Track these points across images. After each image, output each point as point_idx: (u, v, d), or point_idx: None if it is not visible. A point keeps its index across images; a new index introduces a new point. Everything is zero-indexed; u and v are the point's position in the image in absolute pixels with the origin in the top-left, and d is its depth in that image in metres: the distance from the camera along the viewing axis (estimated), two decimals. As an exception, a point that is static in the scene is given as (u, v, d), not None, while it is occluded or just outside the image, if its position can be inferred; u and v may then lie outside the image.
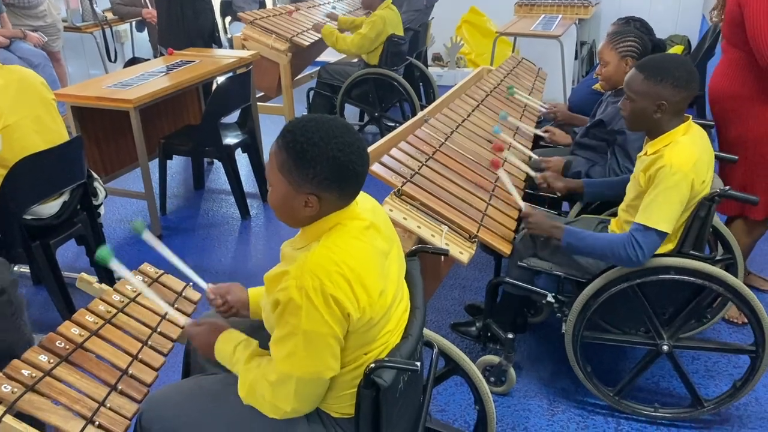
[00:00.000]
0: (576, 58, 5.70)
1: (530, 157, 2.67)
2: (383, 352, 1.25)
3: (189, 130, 3.79)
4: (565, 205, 2.76)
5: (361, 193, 1.31)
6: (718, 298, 2.21)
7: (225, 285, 1.57)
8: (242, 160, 4.00)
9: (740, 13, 2.25)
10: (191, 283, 1.73)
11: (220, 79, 3.81)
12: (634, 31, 2.56)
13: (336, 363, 1.21)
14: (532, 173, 2.45)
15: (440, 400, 2.23)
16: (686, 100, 1.83)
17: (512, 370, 2.22)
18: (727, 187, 1.87)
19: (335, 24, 4.78)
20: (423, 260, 2.13)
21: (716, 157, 2.22)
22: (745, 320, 1.96)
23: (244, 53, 4.05)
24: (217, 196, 4.03)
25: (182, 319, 1.58)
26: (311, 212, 1.21)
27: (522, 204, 2.17)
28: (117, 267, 1.49)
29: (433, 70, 6.43)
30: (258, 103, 4.47)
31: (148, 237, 1.55)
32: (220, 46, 4.49)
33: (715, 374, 2.33)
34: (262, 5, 6.57)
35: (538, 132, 2.96)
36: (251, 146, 3.81)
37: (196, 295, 1.77)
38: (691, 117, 1.90)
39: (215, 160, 4.41)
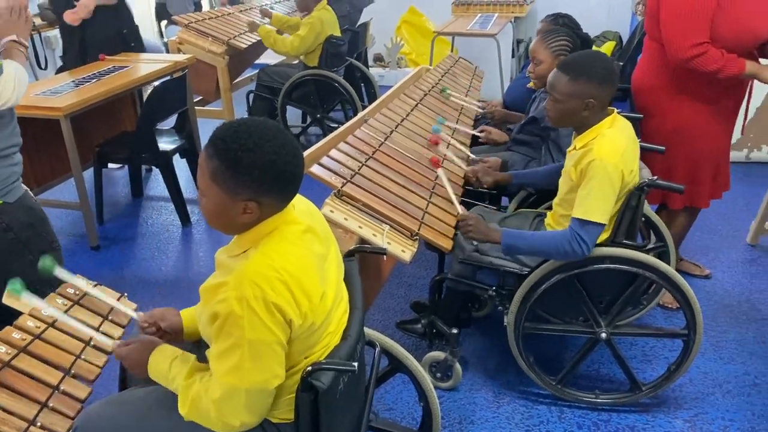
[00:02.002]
0: (513, 56, 5.81)
1: (469, 156, 2.70)
2: (324, 355, 1.24)
3: (124, 137, 3.69)
4: (504, 200, 2.81)
5: (298, 196, 1.30)
6: (653, 285, 2.29)
7: (158, 311, 1.49)
8: (181, 165, 3.92)
9: (658, 7, 2.34)
10: (125, 294, 1.68)
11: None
12: (565, 29, 2.62)
13: (282, 370, 1.19)
14: (464, 167, 2.49)
15: (388, 399, 2.23)
16: (611, 94, 1.89)
17: (458, 365, 2.24)
18: (655, 177, 1.93)
19: (269, 21, 4.73)
20: (365, 260, 2.14)
21: (643, 148, 2.30)
22: (679, 305, 2.04)
23: (180, 57, 3.96)
24: (156, 204, 3.94)
25: (110, 342, 1.50)
26: (250, 218, 1.19)
27: (459, 208, 2.19)
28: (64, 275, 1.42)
29: (375, 71, 6.45)
30: (196, 108, 4.38)
31: (62, 274, 1.42)
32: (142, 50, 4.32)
33: (652, 358, 2.41)
34: (198, 8, 6.46)
35: (474, 132, 2.99)
36: (190, 151, 3.74)
37: (131, 305, 1.73)
38: (615, 110, 1.96)
39: (154, 167, 4.31)
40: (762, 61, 2.35)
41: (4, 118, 1.83)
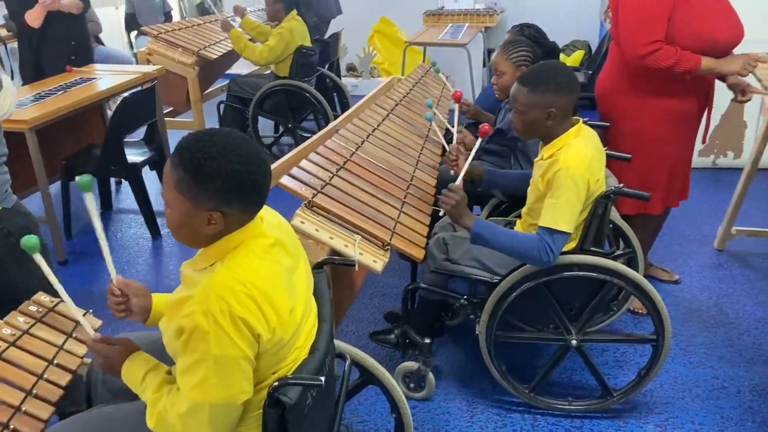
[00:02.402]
0: (484, 65, 5.86)
1: (440, 166, 2.71)
2: (292, 369, 1.22)
3: (92, 150, 3.64)
4: (476, 209, 2.82)
5: (266, 208, 1.29)
6: (622, 291, 2.31)
7: (136, 285, 1.45)
8: (151, 177, 3.88)
9: (617, 6, 2.38)
10: (91, 310, 1.65)
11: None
12: (525, 39, 2.65)
13: (249, 385, 1.17)
14: (454, 130, 2.49)
15: (361, 411, 2.22)
16: (572, 102, 1.92)
17: (431, 375, 2.24)
18: (621, 185, 1.96)
19: (240, 22, 4.69)
20: (337, 271, 2.13)
21: (609, 156, 2.33)
22: (647, 311, 2.07)
23: (149, 68, 3.93)
24: (125, 217, 3.88)
25: (82, 320, 1.44)
26: (215, 229, 1.17)
27: (460, 177, 2.09)
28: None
29: (348, 80, 6.46)
30: (166, 119, 4.35)
31: (41, 262, 1.38)
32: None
33: (623, 364, 2.43)
34: (168, 18, 6.41)
35: (453, 127, 2.98)
36: (159, 163, 3.70)
37: (97, 322, 1.69)
38: (581, 119, 1.99)
39: (123, 180, 4.25)
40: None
41: None
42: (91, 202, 1.36)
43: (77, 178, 1.34)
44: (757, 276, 3.01)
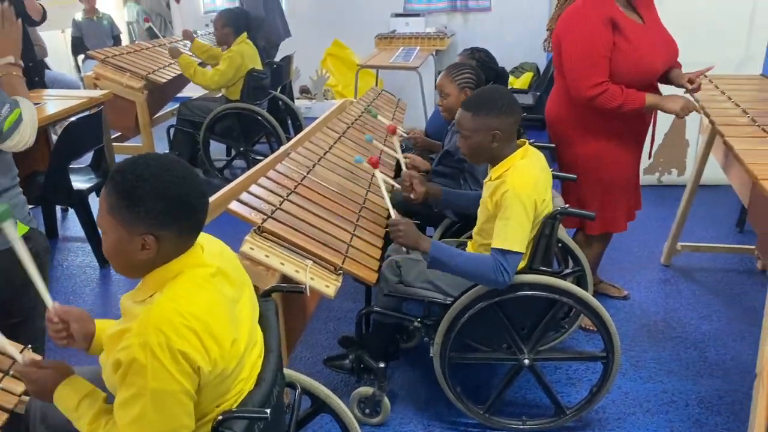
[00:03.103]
0: (436, 88, 5.93)
1: (393, 185, 2.71)
2: (237, 402, 1.19)
3: (36, 177, 3.52)
4: (429, 230, 2.83)
5: (207, 236, 1.27)
6: (573, 309, 2.34)
7: (77, 312, 1.39)
8: (98, 204, 3.77)
9: (560, 45, 2.46)
10: (29, 346, 1.58)
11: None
12: (470, 63, 2.70)
13: (190, 420, 1.14)
14: (402, 160, 2.52)
15: (316, 439, 2.18)
16: (515, 124, 1.97)
17: (386, 399, 2.22)
18: (567, 205, 2.00)
19: (190, 46, 4.65)
20: (289, 297, 2.11)
21: (556, 177, 2.38)
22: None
23: (95, 93, 3.85)
24: (72, 245, 3.77)
25: (18, 357, 1.39)
26: (149, 255, 1.14)
27: (392, 211, 2.17)
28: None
29: (302, 103, 6.46)
30: (115, 144, 4.27)
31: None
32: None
33: (576, 381, 2.46)
34: (117, 42, 6.32)
35: (398, 156, 3.01)
36: (107, 190, 3.60)
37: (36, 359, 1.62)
38: (527, 141, 2.03)
39: (70, 207, 4.13)
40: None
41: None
42: (10, 228, 1.34)
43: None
44: (702, 290, 3.09)
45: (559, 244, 2.40)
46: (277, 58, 5.47)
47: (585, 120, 2.52)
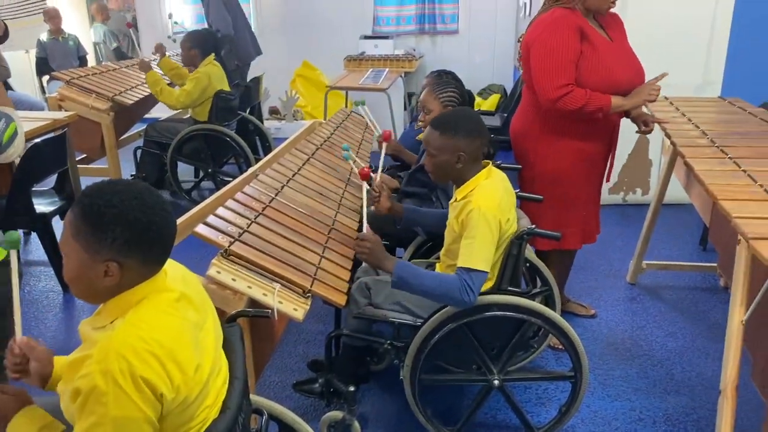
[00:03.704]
0: (405, 109, 5.99)
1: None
2: (201, 430, 1.17)
3: (-3, 200, 3.45)
4: (398, 251, 2.83)
5: (170, 261, 1.25)
6: (541, 328, 2.36)
7: (42, 351, 1.37)
8: (62, 227, 3.69)
9: (529, 52, 2.50)
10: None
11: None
12: (453, 82, 2.74)
13: None
14: (379, 171, 2.51)
15: (285, 465, 2.14)
16: (481, 147, 2.00)
17: (357, 423, 2.19)
18: (533, 226, 2.02)
19: (158, 60, 4.62)
20: (256, 321, 2.07)
21: (521, 197, 2.41)
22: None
23: (59, 115, 3.79)
24: (34, 270, 3.68)
25: None
26: (111, 282, 1.12)
27: (366, 226, 2.16)
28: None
29: (271, 123, 6.45)
30: (80, 166, 4.19)
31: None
32: None
33: (545, 401, 2.47)
34: (83, 63, 6.25)
35: (380, 165, 3.01)
36: (71, 213, 3.53)
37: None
38: (490, 162, 2.06)
39: (32, 230, 4.04)
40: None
41: None
42: (14, 257, 1.36)
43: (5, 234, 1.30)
44: (667, 308, 3.14)
45: (527, 264, 2.42)
46: (248, 78, 5.46)
47: (548, 136, 2.55)
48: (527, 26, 2.67)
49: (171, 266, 1.25)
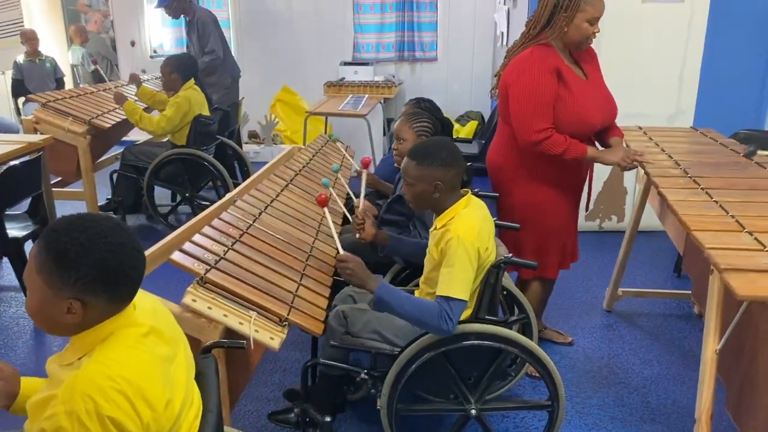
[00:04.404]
0: (384, 135, 6.02)
1: (342, 224, 2.72)
2: (173, 465, 1.14)
3: (-32, 224, 3.38)
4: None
5: (140, 293, 1.23)
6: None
7: (8, 371, 1.35)
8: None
9: (507, 93, 2.53)
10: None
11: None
12: (427, 112, 2.77)
13: None
14: (362, 197, 2.54)
15: (260, 497, 2.11)
16: (458, 176, 2.02)
17: (333, 454, 2.17)
18: (510, 255, 2.03)
19: (136, 90, 4.60)
20: (231, 350, 2.04)
21: (499, 225, 2.42)
22: (542, 375, 2.13)
23: (35, 138, 3.74)
24: (5, 295, 3.60)
25: None
26: (74, 320, 1.10)
27: (340, 248, 2.16)
28: None
29: (250, 147, 6.45)
30: (55, 189, 4.14)
31: None
32: None
33: (522, 430, 2.46)
34: (60, 84, 6.20)
35: (354, 196, 3.01)
36: (44, 237, 3.48)
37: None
38: (469, 191, 2.07)
39: (4, 256, 3.96)
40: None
41: None
42: None
43: None
44: (643, 335, 3.17)
45: (504, 292, 2.43)
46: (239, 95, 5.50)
47: (525, 168, 2.59)
48: (504, 58, 2.71)
49: (141, 298, 1.22)
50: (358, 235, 2.33)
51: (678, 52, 4.14)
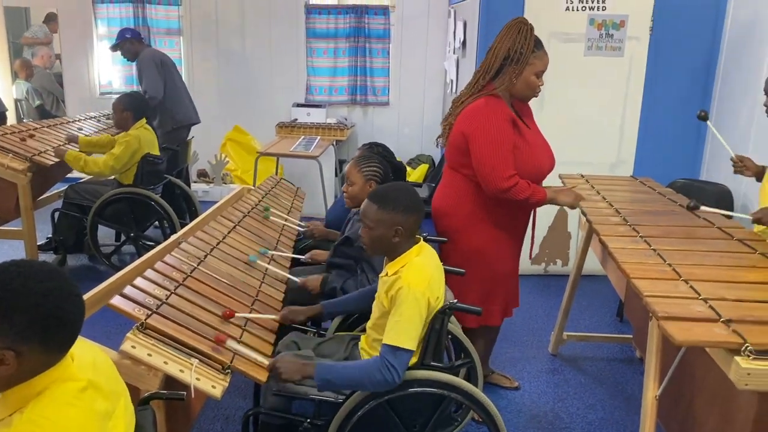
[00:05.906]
0: (336, 176, 6.04)
1: (288, 278, 2.69)
2: None
3: None
4: (326, 323, 2.79)
5: (81, 342, 1.18)
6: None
7: None
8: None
9: (465, 141, 2.58)
10: None
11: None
12: (378, 157, 2.80)
13: None
14: (295, 279, 2.57)
15: None
16: (417, 222, 2.03)
17: (275, 506, 2.10)
18: (455, 300, 2.05)
19: (77, 147, 4.51)
20: (170, 401, 1.98)
21: (446, 271, 2.44)
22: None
23: (-29, 174, 3.61)
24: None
25: None
26: (7, 372, 1.05)
27: (265, 362, 2.07)
28: None
29: (199, 186, 6.36)
30: (-9, 227, 3.99)
31: None
32: None
33: (469, 477, 2.44)
34: (2, 119, 6.03)
35: (300, 257, 3.01)
36: (-23, 278, 3.33)
37: None
38: (422, 238, 2.09)
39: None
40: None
41: None
42: None
43: None
44: (587, 379, 3.21)
45: (449, 337, 2.43)
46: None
47: (474, 215, 2.64)
48: (450, 107, 2.76)
49: (81, 349, 1.18)
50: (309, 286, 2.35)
51: (618, 103, 4.32)
